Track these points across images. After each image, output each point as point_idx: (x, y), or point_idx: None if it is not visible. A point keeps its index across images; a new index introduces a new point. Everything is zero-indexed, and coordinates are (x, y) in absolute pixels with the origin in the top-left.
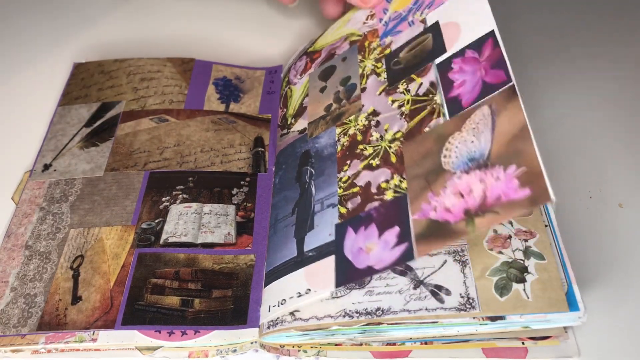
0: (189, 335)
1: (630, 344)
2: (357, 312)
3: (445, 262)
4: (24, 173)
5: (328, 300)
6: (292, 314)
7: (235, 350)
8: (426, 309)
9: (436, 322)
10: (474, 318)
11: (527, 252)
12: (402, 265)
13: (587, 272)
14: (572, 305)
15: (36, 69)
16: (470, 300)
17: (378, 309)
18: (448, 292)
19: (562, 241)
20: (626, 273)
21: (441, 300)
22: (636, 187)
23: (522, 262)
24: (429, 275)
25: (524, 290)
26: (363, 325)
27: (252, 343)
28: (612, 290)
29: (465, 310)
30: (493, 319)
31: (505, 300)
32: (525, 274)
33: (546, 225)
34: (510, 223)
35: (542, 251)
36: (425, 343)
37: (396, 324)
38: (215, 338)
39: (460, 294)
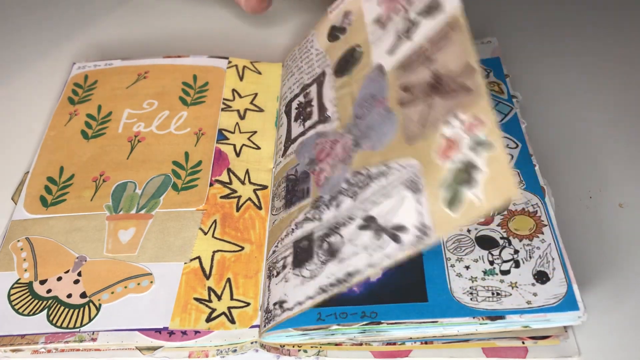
0: (189, 336)
1: (630, 343)
2: (331, 285)
3: (404, 197)
4: (24, 173)
5: (309, 281)
6: (280, 306)
7: (235, 351)
8: (387, 257)
9: (436, 321)
10: (473, 317)
11: (476, 147)
12: (364, 218)
13: (587, 271)
14: (572, 304)
15: (36, 69)
16: (426, 230)
17: (347, 274)
18: (405, 230)
19: (562, 241)
20: (626, 273)
21: (399, 241)
22: (636, 187)
23: (471, 162)
24: (388, 219)
25: (475, 194)
26: (363, 324)
27: (252, 343)
28: (612, 290)
29: (421, 244)
30: (493, 318)
31: (458, 215)
32: (474, 173)
33: (545, 225)
34: (460, 120)
35: (493, 140)
36: (425, 343)
37: (396, 323)
38: (216, 338)
39: (416, 226)
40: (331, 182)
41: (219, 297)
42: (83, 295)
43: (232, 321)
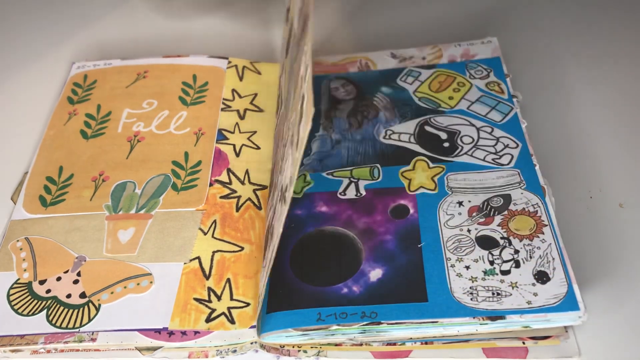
0: (188, 336)
1: (630, 343)
2: (268, 262)
3: (289, 156)
4: (23, 173)
5: (265, 269)
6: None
7: (235, 351)
8: (281, 223)
9: (436, 321)
10: (474, 318)
11: (304, 76)
12: (280, 189)
13: (587, 272)
14: (572, 304)
15: (35, 68)
16: (292, 179)
17: (272, 250)
18: (288, 188)
19: (562, 241)
20: (626, 273)
21: (285, 201)
22: (636, 187)
23: (303, 94)
24: (283, 182)
25: (304, 123)
26: (363, 325)
27: (252, 343)
28: (612, 290)
29: (290, 195)
30: (493, 318)
31: (297, 153)
32: (305, 104)
33: (546, 225)
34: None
35: (309, 63)
36: (426, 343)
37: (396, 323)
38: (215, 338)
39: (290, 180)
40: (279, 165)
41: (219, 298)
42: (82, 295)
43: (232, 321)
